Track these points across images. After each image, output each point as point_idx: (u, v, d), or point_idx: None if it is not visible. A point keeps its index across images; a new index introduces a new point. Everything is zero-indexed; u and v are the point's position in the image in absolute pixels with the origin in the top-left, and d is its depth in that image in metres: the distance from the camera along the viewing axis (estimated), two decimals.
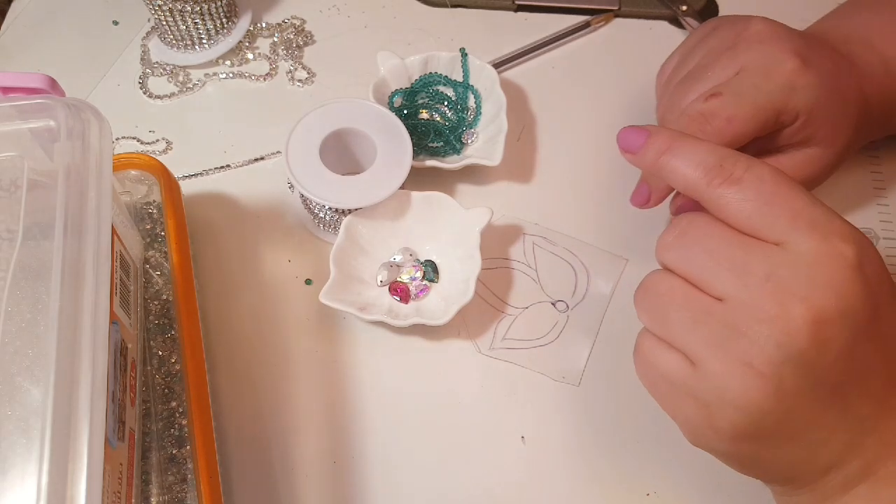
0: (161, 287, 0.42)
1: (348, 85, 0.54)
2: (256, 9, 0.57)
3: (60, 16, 0.57)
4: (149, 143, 0.51)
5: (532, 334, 0.45)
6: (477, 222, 0.44)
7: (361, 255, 0.45)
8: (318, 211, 0.46)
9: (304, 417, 0.42)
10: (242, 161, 0.51)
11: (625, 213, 0.50)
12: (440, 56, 0.51)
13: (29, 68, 0.53)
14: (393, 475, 0.41)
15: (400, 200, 0.45)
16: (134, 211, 0.44)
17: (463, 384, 0.43)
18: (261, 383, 0.43)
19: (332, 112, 0.46)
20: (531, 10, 0.59)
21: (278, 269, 0.47)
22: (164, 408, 0.39)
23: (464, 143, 0.50)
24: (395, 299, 0.44)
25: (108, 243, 0.31)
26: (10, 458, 0.25)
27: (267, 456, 0.41)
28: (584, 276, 0.47)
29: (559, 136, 0.53)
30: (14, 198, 0.30)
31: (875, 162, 0.52)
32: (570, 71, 0.56)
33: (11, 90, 0.32)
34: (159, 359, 0.40)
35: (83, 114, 0.32)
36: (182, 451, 0.38)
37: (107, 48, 0.56)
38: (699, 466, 0.41)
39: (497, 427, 0.42)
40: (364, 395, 0.43)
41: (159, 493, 0.37)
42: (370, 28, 0.57)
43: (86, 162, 0.31)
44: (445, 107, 0.51)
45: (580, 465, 0.41)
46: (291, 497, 0.40)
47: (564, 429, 0.42)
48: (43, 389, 0.26)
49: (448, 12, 0.58)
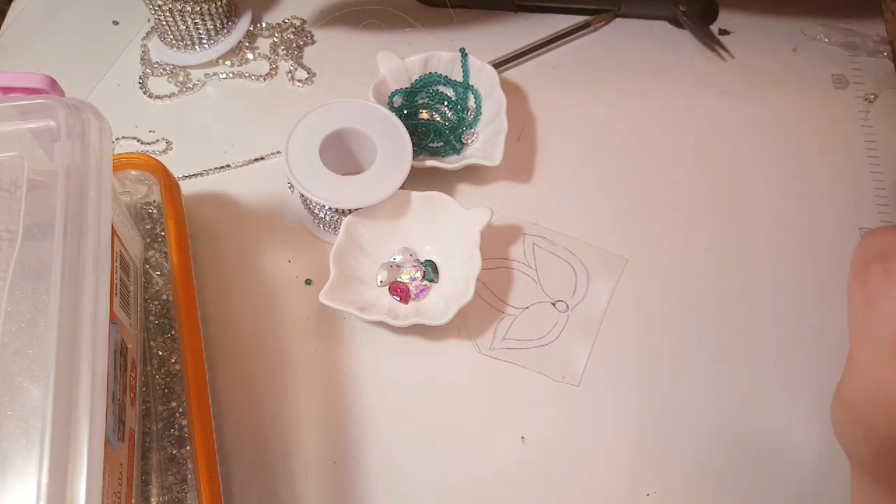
0: (161, 287, 0.42)
1: (348, 85, 0.54)
2: (256, 9, 0.57)
3: (60, 16, 0.57)
4: (149, 143, 0.51)
5: (532, 334, 0.45)
6: (477, 222, 0.44)
7: (361, 255, 0.45)
8: (318, 211, 0.46)
9: (304, 417, 0.42)
10: (242, 161, 0.51)
11: (625, 213, 0.50)
12: (440, 56, 0.51)
13: (29, 68, 0.53)
14: (393, 475, 0.41)
15: (400, 200, 0.45)
16: (134, 211, 0.44)
17: (463, 384, 0.43)
18: (261, 383, 0.43)
19: (332, 112, 0.46)
20: (531, 10, 0.59)
21: (278, 269, 0.47)
22: (164, 408, 0.39)
23: (464, 143, 0.50)
24: (395, 299, 0.44)
25: (108, 243, 0.31)
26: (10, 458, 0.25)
27: (267, 456, 0.41)
28: (584, 276, 0.47)
29: (559, 136, 0.53)
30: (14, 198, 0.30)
31: (875, 162, 0.52)
32: (570, 71, 0.56)
33: (11, 90, 0.32)
34: (159, 359, 0.40)
35: (83, 114, 0.32)
36: (182, 451, 0.38)
37: (107, 48, 0.56)
38: (699, 466, 0.41)
39: (497, 427, 0.42)
40: (364, 395, 0.43)
41: (159, 493, 0.37)
42: (370, 28, 0.57)
43: (86, 162, 0.31)
44: (445, 107, 0.51)
45: (580, 465, 0.41)
46: (291, 497, 0.40)
47: (564, 429, 0.42)
48: (43, 389, 0.26)
49: (448, 12, 0.58)
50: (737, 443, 0.42)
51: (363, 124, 0.46)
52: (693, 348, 0.45)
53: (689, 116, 0.54)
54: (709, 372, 0.44)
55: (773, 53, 0.57)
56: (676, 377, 0.44)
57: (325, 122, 0.46)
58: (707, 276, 0.47)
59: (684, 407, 0.43)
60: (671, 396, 0.43)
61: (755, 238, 0.49)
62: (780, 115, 0.54)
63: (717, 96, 0.55)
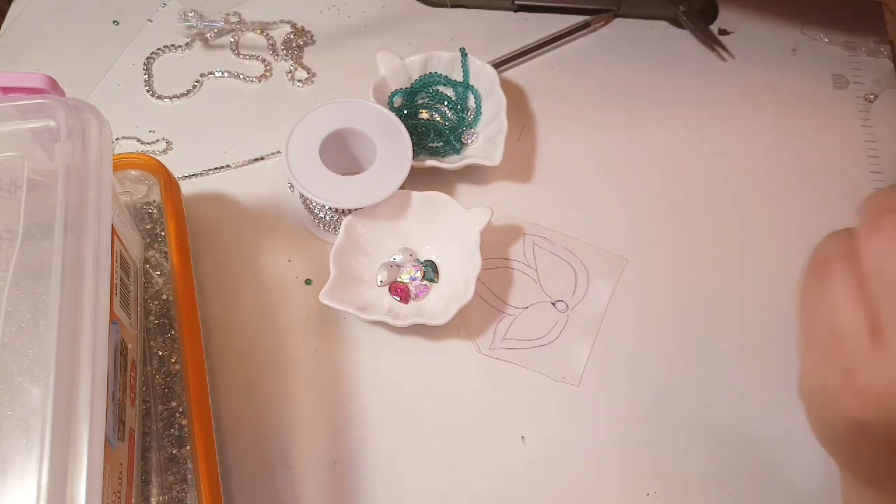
0: (161, 287, 0.42)
1: (348, 85, 0.54)
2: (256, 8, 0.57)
3: (60, 16, 0.57)
4: (149, 143, 0.51)
5: (532, 334, 0.45)
6: (477, 222, 0.44)
7: (361, 255, 0.45)
8: (318, 211, 0.46)
9: (304, 417, 0.42)
10: (242, 161, 0.51)
11: (625, 213, 0.50)
12: (440, 56, 0.51)
13: (29, 68, 0.53)
14: (393, 475, 0.41)
15: (400, 200, 0.45)
16: (134, 211, 0.44)
17: (463, 384, 0.43)
18: (261, 383, 0.43)
19: (332, 112, 0.46)
20: (531, 10, 0.59)
21: (278, 269, 0.47)
22: (164, 408, 0.39)
23: (464, 143, 0.50)
24: (395, 299, 0.44)
25: (108, 243, 0.31)
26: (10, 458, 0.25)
27: (267, 456, 0.41)
28: (584, 276, 0.47)
29: (559, 136, 0.53)
30: (14, 198, 0.30)
31: (875, 162, 0.52)
32: (570, 71, 0.56)
33: (11, 90, 0.32)
34: (159, 359, 0.40)
35: (83, 114, 0.32)
36: (182, 451, 0.38)
37: (107, 48, 0.56)
38: (699, 466, 0.41)
39: (497, 427, 0.42)
40: (364, 395, 0.43)
41: (159, 493, 0.37)
42: (370, 28, 0.57)
43: (86, 162, 0.31)
44: (445, 107, 0.51)
45: (580, 465, 0.41)
46: (291, 497, 0.40)
47: (564, 429, 0.42)
48: (43, 389, 0.26)
49: (448, 12, 0.58)
50: (737, 443, 0.42)
51: (363, 124, 0.46)
52: (693, 348, 0.45)
53: (689, 116, 0.54)
54: (709, 372, 0.44)
55: (773, 53, 0.57)
56: (676, 377, 0.44)
57: (325, 122, 0.46)
58: (707, 275, 0.47)
59: (684, 407, 0.43)
60: (671, 396, 0.43)
61: (755, 238, 0.49)
62: (780, 115, 0.54)
63: (716, 96, 0.55)
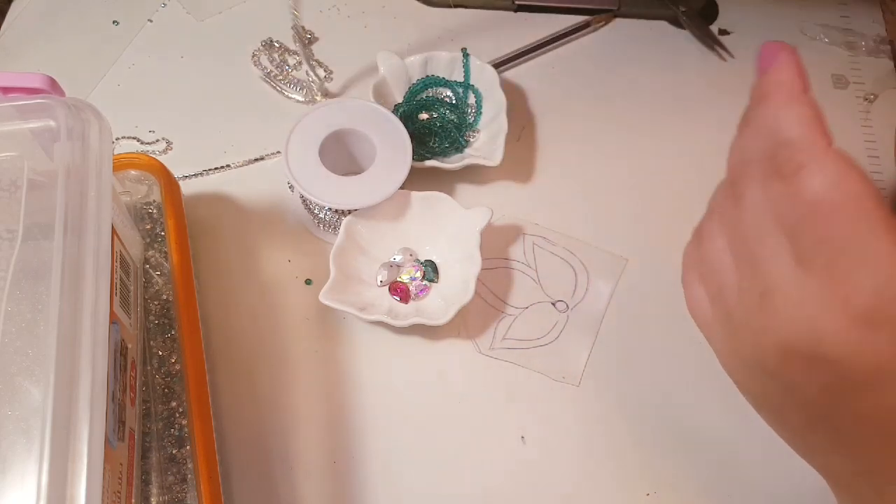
0: (161, 287, 0.42)
1: (348, 85, 0.54)
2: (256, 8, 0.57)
3: (60, 16, 0.57)
4: (149, 143, 0.51)
5: (532, 334, 0.45)
6: (477, 222, 0.44)
7: (361, 255, 0.45)
8: (317, 211, 0.46)
9: (304, 417, 0.42)
10: (242, 161, 0.51)
11: (625, 213, 0.50)
12: (440, 56, 0.51)
13: (29, 68, 0.53)
14: (393, 475, 0.41)
15: (400, 200, 0.45)
16: (134, 211, 0.44)
17: (463, 384, 0.43)
18: (261, 383, 0.43)
19: (331, 112, 0.46)
20: (531, 10, 0.59)
21: (278, 269, 0.47)
22: (164, 408, 0.39)
23: (464, 142, 0.50)
24: (395, 299, 0.44)
25: (108, 243, 0.31)
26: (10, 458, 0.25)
27: (267, 456, 0.41)
28: (584, 276, 0.47)
29: (559, 136, 0.53)
30: (14, 198, 0.30)
31: (875, 162, 0.52)
32: (570, 71, 0.56)
33: (11, 90, 0.32)
34: (159, 359, 0.40)
35: (83, 114, 0.32)
36: (182, 451, 0.38)
37: (107, 48, 0.56)
38: (699, 466, 0.41)
39: (497, 427, 0.42)
40: (364, 395, 0.43)
41: (159, 493, 0.37)
42: (370, 28, 0.57)
43: (86, 162, 0.31)
44: (446, 107, 0.51)
45: (580, 465, 0.41)
46: (291, 497, 0.40)
47: (564, 429, 0.42)
48: (43, 389, 0.26)
49: (448, 12, 0.58)
50: (737, 443, 0.42)
51: (363, 124, 0.46)
52: (693, 348, 0.45)
53: (690, 116, 0.54)
54: (709, 372, 0.44)
55: None
56: (676, 377, 0.44)
57: (325, 122, 0.46)
58: None
59: (684, 407, 0.43)
60: (671, 396, 0.43)
61: None
62: None
63: (717, 96, 0.55)
